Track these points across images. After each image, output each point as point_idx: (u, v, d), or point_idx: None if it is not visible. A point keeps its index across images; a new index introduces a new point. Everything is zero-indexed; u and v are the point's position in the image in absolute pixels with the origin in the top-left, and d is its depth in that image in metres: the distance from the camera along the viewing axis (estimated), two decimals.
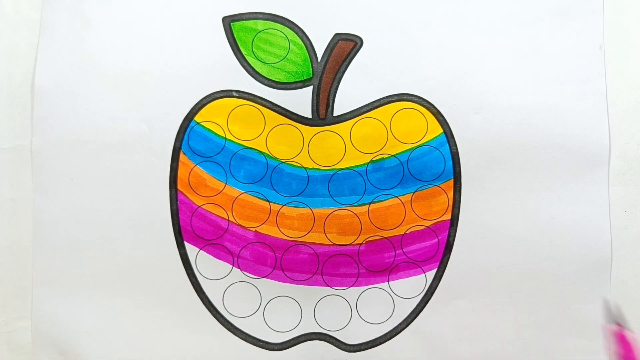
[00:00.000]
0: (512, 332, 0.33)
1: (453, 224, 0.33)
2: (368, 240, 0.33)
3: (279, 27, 0.33)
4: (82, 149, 0.33)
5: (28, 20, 0.34)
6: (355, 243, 0.33)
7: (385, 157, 0.33)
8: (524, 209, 0.33)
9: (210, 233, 0.33)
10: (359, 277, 0.33)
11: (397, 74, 0.33)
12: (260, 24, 0.33)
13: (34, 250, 0.34)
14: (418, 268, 0.33)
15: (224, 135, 0.33)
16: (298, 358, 0.34)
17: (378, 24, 0.33)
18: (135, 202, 0.33)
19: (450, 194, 0.33)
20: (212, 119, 0.33)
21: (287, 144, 0.33)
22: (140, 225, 0.33)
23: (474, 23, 0.33)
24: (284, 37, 0.33)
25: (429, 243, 0.33)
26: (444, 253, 0.33)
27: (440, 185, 0.33)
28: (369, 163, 0.33)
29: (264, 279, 0.34)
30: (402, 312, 0.33)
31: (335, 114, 0.33)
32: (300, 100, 0.33)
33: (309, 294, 0.34)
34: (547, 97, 0.32)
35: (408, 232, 0.33)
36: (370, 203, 0.33)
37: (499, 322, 0.33)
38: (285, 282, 0.34)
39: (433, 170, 0.33)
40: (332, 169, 0.33)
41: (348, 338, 0.34)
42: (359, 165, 0.33)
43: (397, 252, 0.33)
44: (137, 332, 0.33)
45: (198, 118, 0.33)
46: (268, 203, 0.33)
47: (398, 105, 0.33)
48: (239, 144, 0.33)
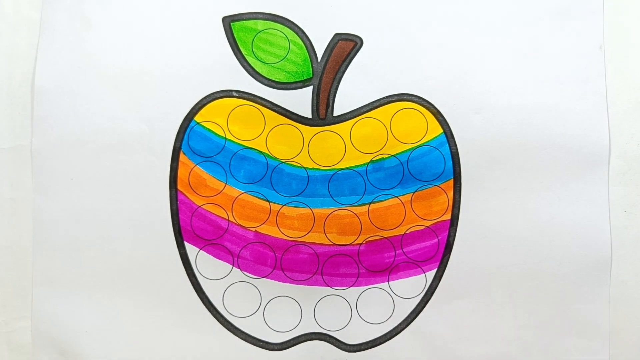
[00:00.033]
0: (512, 332, 0.33)
1: (453, 224, 0.33)
2: (368, 240, 0.33)
3: (279, 27, 0.33)
4: (82, 149, 0.33)
5: (28, 20, 0.34)
6: (355, 243, 0.33)
7: (385, 157, 0.33)
8: (524, 209, 0.33)
9: (210, 233, 0.33)
10: (359, 277, 0.33)
11: (397, 74, 0.33)
12: (260, 24, 0.33)
13: (34, 250, 0.33)
14: (418, 268, 0.33)
15: (224, 135, 0.33)
16: (298, 358, 0.34)
17: (378, 24, 0.33)
18: (135, 202, 0.33)
19: (450, 194, 0.33)
20: (212, 119, 0.33)
21: (287, 144, 0.33)
22: (140, 225, 0.33)
23: (474, 23, 0.33)
24: (284, 37, 0.33)
25: (429, 243, 0.33)
26: (444, 253, 0.33)
27: (440, 185, 0.33)
28: (369, 163, 0.33)
29: (264, 279, 0.34)
30: (402, 312, 0.33)
31: (335, 114, 0.33)
32: (300, 100, 0.33)
33: (309, 294, 0.34)
34: (547, 97, 0.32)
35: (408, 232, 0.33)
36: (370, 203, 0.33)
37: (499, 322, 0.33)
38: (285, 282, 0.33)
39: (433, 170, 0.33)
40: (332, 169, 0.33)
41: (348, 338, 0.34)
42: (359, 165, 0.33)
43: (397, 252, 0.33)
44: (137, 332, 0.33)
45: (198, 118, 0.33)
46: (268, 203, 0.33)
47: (398, 105, 0.33)
48: (239, 144, 0.33)
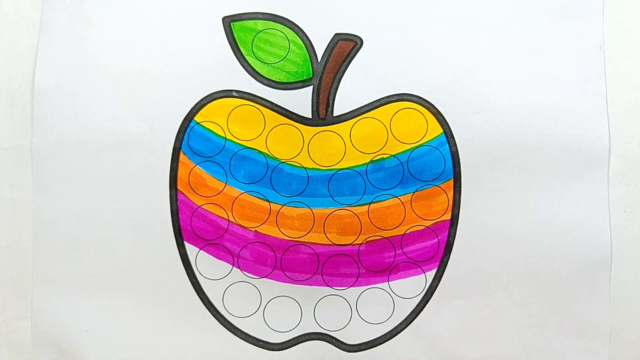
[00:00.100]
0: (512, 332, 0.33)
1: (453, 224, 0.33)
2: (368, 240, 0.33)
3: (279, 27, 0.33)
4: (82, 149, 0.33)
5: (28, 20, 0.34)
6: (355, 243, 0.33)
7: (385, 157, 0.33)
8: (524, 209, 0.33)
9: (210, 233, 0.33)
10: (359, 277, 0.33)
11: (397, 74, 0.33)
12: (260, 24, 0.33)
13: (34, 250, 0.33)
14: (418, 268, 0.33)
15: (224, 135, 0.33)
16: (298, 358, 0.34)
17: (378, 24, 0.33)
18: (135, 202, 0.33)
19: (450, 194, 0.33)
20: (212, 119, 0.33)
21: (287, 144, 0.33)
22: (140, 225, 0.33)
23: (474, 23, 0.33)
24: (284, 37, 0.33)
25: (429, 243, 0.33)
26: (444, 253, 0.33)
27: (440, 185, 0.33)
28: (369, 163, 0.33)
29: (264, 279, 0.34)
30: (402, 312, 0.33)
31: (335, 114, 0.33)
32: (300, 100, 0.33)
33: (309, 294, 0.34)
34: (547, 97, 0.32)
35: (408, 232, 0.33)
36: (370, 203, 0.33)
37: (499, 322, 0.33)
38: (285, 282, 0.33)
39: (433, 170, 0.33)
40: (332, 169, 0.33)
41: (348, 338, 0.34)
42: (359, 165, 0.33)
43: (397, 252, 0.33)
44: (137, 332, 0.33)
45: (198, 118, 0.33)
46: (268, 203, 0.33)
47: (398, 105, 0.33)
48: (239, 144, 0.33)
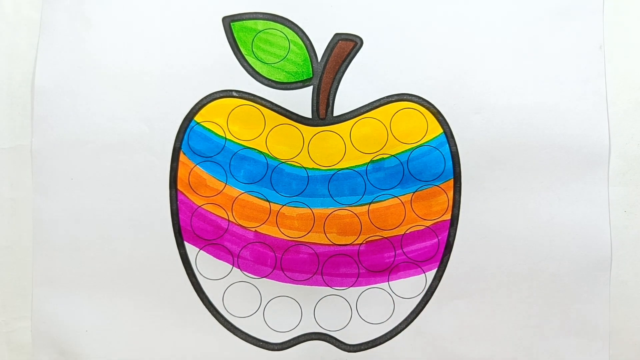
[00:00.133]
0: (512, 332, 0.33)
1: (453, 224, 0.33)
2: (368, 240, 0.33)
3: (279, 27, 0.33)
4: (82, 149, 0.33)
5: (28, 20, 0.34)
6: (355, 243, 0.33)
7: (385, 157, 0.33)
8: (524, 209, 0.33)
9: (210, 233, 0.33)
10: (359, 277, 0.33)
11: (397, 74, 0.33)
12: (260, 24, 0.33)
13: (34, 250, 0.33)
14: (418, 268, 0.33)
15: (224, 135, 0.33)
16: (298, 358, 0.34)
17: (378, 24, 0.33)
18: (135, 202, 0.33)
19: (450, 194, 0.33)
20: (212, 119, 0.33)
21: (287, 144, 0.33)
22: (140, 225, 0.33)
23: (474, 23, 0.33)
24: (284, 37, 0.33)
25: (429, 243, 0.33)
26: (444, 253, 0.33)
27: (440, 185, 0.33)
28: (369, 163, 0.33)
29: (264, 279, 0.34)
30: (402, 312, 0.33)
31: (335, 114, 0.33)
32: (300, 100, 0.33)
33: (309, 294, 0.34)
34: (547, 97, 0.32)
35: (408, 232, 0.33)
36: (370, 203, 0.33)
37: (499, 322, 0.33)
38: (285, 282, 0.33)
39: (433, 170, 0.33)
40: (332, 169, 0.33)
41: (348, 338, 0.34)
42: (359, 165, 0.33)
43: (397, 252, 0.33)
44: (137, 332, 0.33)
45: (198, 118, 0.33)
46: (268, 203, 0.33)
47: (398, 105, 0.33)
48: (239, 144, 0.33)
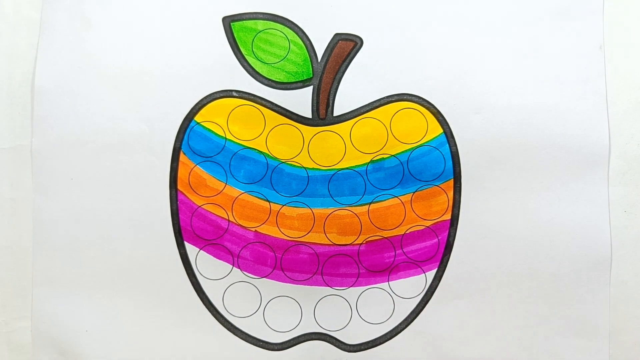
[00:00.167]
0: (512, 332, 0.33)
1: (453, 224, 0.33)
2: (368, 240, 0.33)
3: (279, 27, 0.33)
4: (82, 149, 0.33)
5: (28, 20, 0.34)
6: (355, 243, 0.33)
7: (385, 157, 0.33)
8: (524, 209, 0.33)
9: (210, 233, 0.33)
10: (359, 277, 0.33)
11: (397, 74, 0.33)
12: (260, 24, 0.33)
13: (34, 250, 0.33)
14: (418, 268, 0.33)
15: (224, 135, 0.33)
16: (298, 358, 0.34)
17: (378, 24, 0.33)
18: (135, 202, 0.33)
19: (450, 194, 0.33)
20: (212, 119, 0.33)
21: (287, 144, 0.33)
22: (140, 225, 0.33)
23: (474, 23, 0.33)
24: (284, 37, 0.33)
25: (429, 243, 0.33)
26: (444, 253, 0.33)
27: (440, 185, 0.33)
28: (369, 163, 0.33)
29: (264, 279, 0.34)
30: (402, 312, 0.33)
31: (335, 114, 0.33)
32: (300, 100, 0.33)
33: (309, 294, 0.34)
34: (547, 97, 0.32)
35: (408, 232, 0.33)
36: (370, 203, 0.33)
37: (499, 322, 0.33)
38: (285, 282, 0.33)
39: (433, 170, 0.33)
40: (332, 169, 0.33)
41: (348, 338, 0.34)
42: (359, 165, 0.33)
43: (397, 252, 0.33)
44: (137, 332, 0.33)
45: (198, 118, 0.33)
46: (268, 203, 0.33)
47: (398, 105, 0.33)
48: (239, 144, 0.33)
